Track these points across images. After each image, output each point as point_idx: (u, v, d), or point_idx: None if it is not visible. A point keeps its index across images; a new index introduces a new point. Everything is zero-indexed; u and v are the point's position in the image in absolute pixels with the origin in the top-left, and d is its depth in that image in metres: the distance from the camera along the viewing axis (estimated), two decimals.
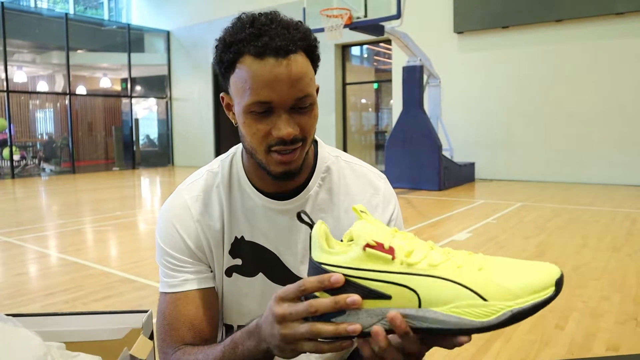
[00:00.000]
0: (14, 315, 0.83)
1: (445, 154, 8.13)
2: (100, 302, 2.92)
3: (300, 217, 0.63)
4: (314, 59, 0.80)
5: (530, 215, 5.48)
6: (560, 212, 5.69)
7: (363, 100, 12.44)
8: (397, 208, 0.95)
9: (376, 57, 12.15)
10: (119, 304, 2.87)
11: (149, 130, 15.41)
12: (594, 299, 2.80)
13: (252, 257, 0.89)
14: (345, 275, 0.58)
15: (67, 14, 12.66)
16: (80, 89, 13.94)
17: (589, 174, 8.37)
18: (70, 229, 5.22)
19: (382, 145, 11.02)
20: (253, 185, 0.89)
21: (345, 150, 11.00)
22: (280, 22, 0.77)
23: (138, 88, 14.96)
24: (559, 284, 0.56)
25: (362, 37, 9.23)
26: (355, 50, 12.06)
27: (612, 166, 8.15)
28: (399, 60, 9.58)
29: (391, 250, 0.58)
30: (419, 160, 7.81)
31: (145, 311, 0.89)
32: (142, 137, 15.10)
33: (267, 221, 0.89)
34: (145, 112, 15.43)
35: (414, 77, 7.84)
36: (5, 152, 11.47)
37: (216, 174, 0.91)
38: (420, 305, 0.57)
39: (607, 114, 8.19)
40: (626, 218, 5.24)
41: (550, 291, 0.55)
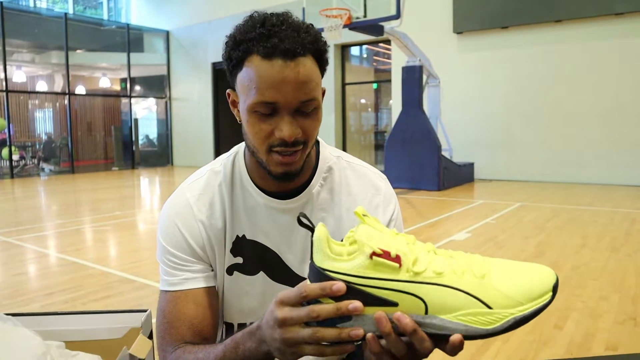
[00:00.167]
0: (14, 315, 0.83)
1: (445, 154, 8.13)
2: (100, 301, 2.92)
3: (300, 220, 0.62)
4: (322, 63, 0.81)
5: (530, 216, 5.48)
6: (559, 212, 5.70)
7: (362, 101, 12.44)
8: (397, 208, 0.96)
9: (375, 57, 12.15)
10: (118, 303, 2.87)
11: (149, 130, 15.40)
12: (593, 298, 2.80)
13: (253, 256, 0.90)
14: (350, 282, 0.58)
15: (66, 14, 12.66)
16: (80, 89, 13.93)
17: (588, 174, 8.38)
18: (70, 228, 5.22)
19: (382, 145, 11.02)
20: (255, 184, 0.89)
21: (344, 150, 10.98)
22: (291, 24, 0.77)
23: (137, 88, 14.96)
24: (555, 288, 0.59)
25: (361, 37, 9.24)
26: (355, 51, 12.06)
27: (611, 166, 8.16)
28: (398, 61, 9.59)
29: (398, 259, 0.58)
30: (418, 160, 7.82)
31: (144, 310, 0.89)
32: (141, 137, 15.10)
33: (269, 220, 0.89)
34: (145, 112, 15.42)
35: (414, 77, 7.84)
36: (5, 152, 11.46)
37: (218, 172, 0.91)
38: (426, 312, 0.58)
39: (607, 114, 8.20)
40: (625, 218, 5.24)
41: (549, 296, 0.58)
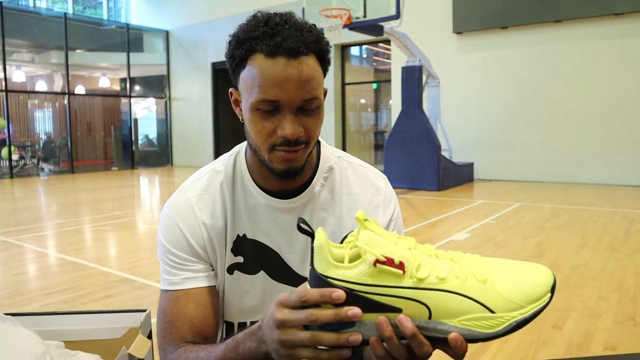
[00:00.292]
0: (13, 315, 0.83)
1: (444, 154, 8.13)
2: (99, 301, 2.92)
3: (300, 226, 0.61)
4: (325, 63, 0.81)
5: (529, 216, 5.48)
6: (559, 212, 5.70)
7: (362, 101, 12.43)
8: (398, 208, 0.96)
9: (375, 57, 12.15)
10: (117, 303, 2.87)
11: (148, 130, 15.39)
12: (592, 299, 2.81)
13: (254, 255, 0.90)
14: (354, 290, 0.58)
15: (66, 14, 12.66)
16: (79, 89, 13.92)
17: (588, 174, 8.38)
18: (69, 228, 5.22)
19: (381, 145, 11.02)
20: (256, 184, 0.90)
21: (344, 150, 10.97)
22: (294, 24, 0.78)
23: (137, 88, 14.96)
24: (553, 289, 0.60)
25: (361, 37, 9.24)
26: (355, 51, 12.06)
27: (611, 166, 8.16)
28: (398, 61, 9.59)
29: (401, 266, 0.57)
30: (418, 160, 7.82)
31: (144, 310, 0.89)
32: (141, 137, 15.09)
33: (270, 219, 0.89)
34: (145, 112, 15.42)
35: (413, 78, 7.84)
36: (4, 151, 11.46)
37: (219, 172, 0.92)
38: (430, 317, 0.58)
39: (606, 114, 8.20)
40: (625, 218, 5.24)
41: (547, 298, 0.59)
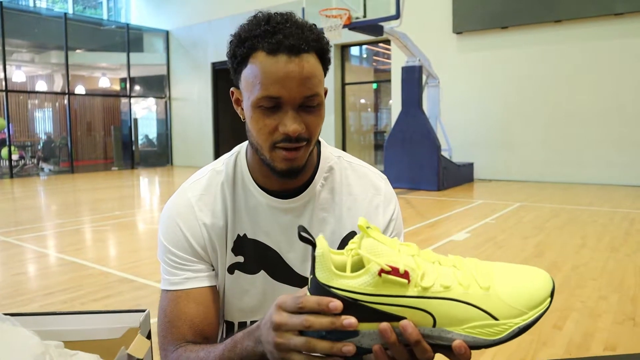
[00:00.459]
0: (12, 315, 0.83)
1: (444, 154, 8.13)
2: (99, 301, 2.92)
3: (300, 235, 0.60)
4: (325, 62, 0.82)
5: (529, 216, 5.48)
6: (559, 212, 5.70)
7: (362, 101, 12.44)
8: (397, 208, 0.96)
9: (375, 58, 12.15)
10: (117, 303, 2.87)
11: (148, 130, 15.39)
12: (592, 299, 2.81)
13: (254, 255, 0.90)
14: (358, 300, 0.57)
15: (66, 14, 12.67)
16: (79, 89, 13.92)
17: (587, 174, 8.38)
18: (69, 228, 5.22)
19: (381, 145, 11.02)
20: (257, 184, 0.90)
21: (344, 150, 10.98)
22: (295, 23, 0.79)
23: (137, 88, 14.95)
24: (553, 293, 0.61)
25: (361, 37, 9.24)
26: (355, 51, 12.06)
27: (611, 166, 8.16)
28: (398, 61, 9.59)
29: (406, 275, 0.57)
30: (418, 160, 7.82)
31: (143, 310, 0.89)
32: (141, 137, 15.09)
33: (270, 219, 0.90)
34: (144, 112, 15.42)
35: (413, 78, 7.84)
36: (4, 151, 11.46)
37: (220, 172, 0.92)
38: (434, 325, 0.58)
39: (606, 114, 8.20)
40: (625, 218, 5.24)
41: (547, 302, 0.60)
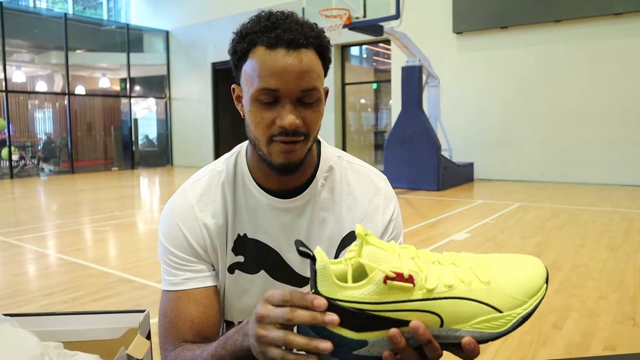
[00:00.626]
0: (12, 315, 0.83)
1: (444, 154, 8.13)
2: (99, 302, 2.92)
3: (299, 250, 0.59)
4: (325, 60, 0.82)
5: (529, 216, 5.48)
6: (558, 212, 5.70)
7: (362, 101, 12.43)
8: (397, 208, 0.96)
9: (375, 58, 12.15)
10: (117, 304, 2.87)
11: (148, 130, 15.39)
12: (591, 298, 2.81)
13: (255, 255, 0.90)
14: (365, 310, 0.57)
15: (66, 14, 12.66)
16: (79, 89, 13.92)
17: (587, 174, 8.38)
18: (69, 229, 5.22)
19: (381, 145, 11.02)
20: (257, 183, 0.90)
21: (344, 150, 10.97)
22: (296, 20, 0.80)
23: (137, 88, 14.95)
24: (547, 279, 0.62)
25: (361, 37, 9.24)
26: (355, 51, 12.06)
27: (610, 166, 8.16)
28: (398, 61, 9.59)
29: (411, 279, 0.57)
30: (417, 160, 7.82)
31: (142, 311, 0.89)
32: (141, 137, 15.09)
33: (270, 219, 0.90)
34: (145, 112, 15.42)
35: (413, 78, 7.84)
36: (4, 152, 11.46)
37: (220, 172, 0.92)
38: (442, 325, 0.58)
39: (606, 114, 8.20)
40: (624, 218, 5.25)
41: (544, 289, 0.60)
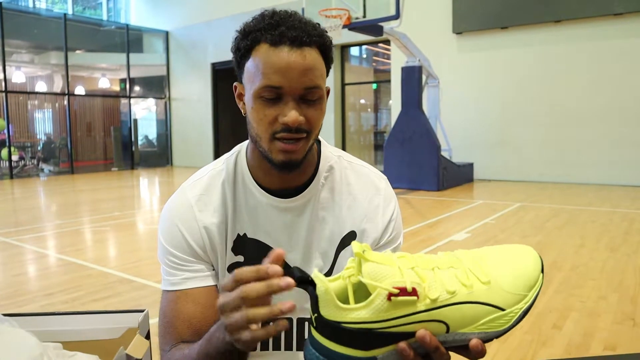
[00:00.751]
0: (11, 315, 0.83)
1: (444, 154, 8.13)
2: (99, 302, 2.92)
3: (297, 277, 0.57)
4: (327, 59, 0.83)
5: (529, 216, 5.48)
6: (558, 212, 5.70)
7: (362, 101, 12.43)
8: (397, 208, 0.96)
9: (375, 58, 12.15)
10: (117, 304, 2.87)
11: (148, 130, 15.39)
12: (591, 298, 2.81)
13: (254, 254, 0.90)
14: (372, 329, 0.56)
15: (65, 14, 12.66)
16: (79, 89, 13.92)
17: (587, 174, 8.38)
18: (69, 229, 5.22)
19: (381, 145, 11.02)
20: (257, 183, 0.90)
21: (344, 150, 10.96)
22: (299, 18, 0.81)
23: (137, 88, 14.95)
24: (543, 268, 0.62)
25: (361, 37, 9.23)
26: (354, 51, 12.06)
27: (610, 166, 8.16)
28: (397, 61, 9.59)
29: (414, 292, 0.56)
30: (417, 160, 7.82)
31: (142, 311, 0.89)
32: (140, 137, 15.08)
33: (270, 219, 0.89)
34: (144, 112, 15.41)
35: (413, 78, 7.84)
36: (4, 152, 11.45)
37: (220, 172, 0.92)
38: (448, 331, 0.58)
39: (606, 114, 8.20)
40: (624, 218, 5.25)
41: (541, 279, 0.61)
